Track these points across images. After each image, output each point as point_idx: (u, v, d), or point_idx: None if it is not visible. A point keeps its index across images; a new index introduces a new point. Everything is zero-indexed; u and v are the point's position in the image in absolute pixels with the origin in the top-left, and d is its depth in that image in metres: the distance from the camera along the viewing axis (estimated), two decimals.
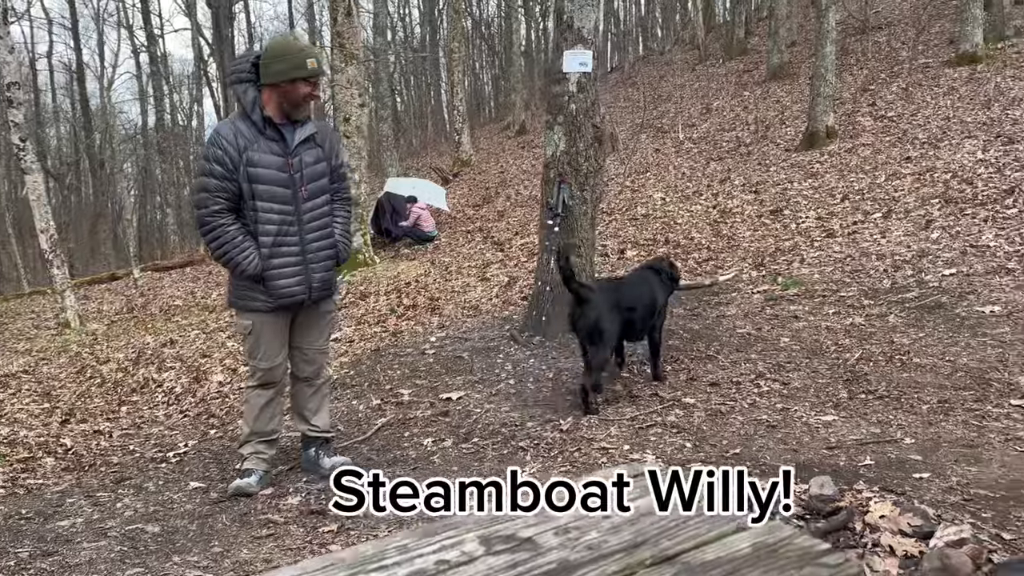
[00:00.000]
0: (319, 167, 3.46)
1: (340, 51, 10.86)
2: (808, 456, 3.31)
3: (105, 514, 3.44)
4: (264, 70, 3.29)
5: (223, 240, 3.33)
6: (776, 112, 13.98)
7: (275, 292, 3.41)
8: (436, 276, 9.46)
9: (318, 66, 3.35)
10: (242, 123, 3.33)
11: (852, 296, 5.66)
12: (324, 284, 3.55)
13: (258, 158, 3.30)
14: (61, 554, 2.99)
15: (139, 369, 7.28)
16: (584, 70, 5.41)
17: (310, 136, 3.43)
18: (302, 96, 3.33)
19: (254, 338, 3.52)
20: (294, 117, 3.37)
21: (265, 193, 3.33)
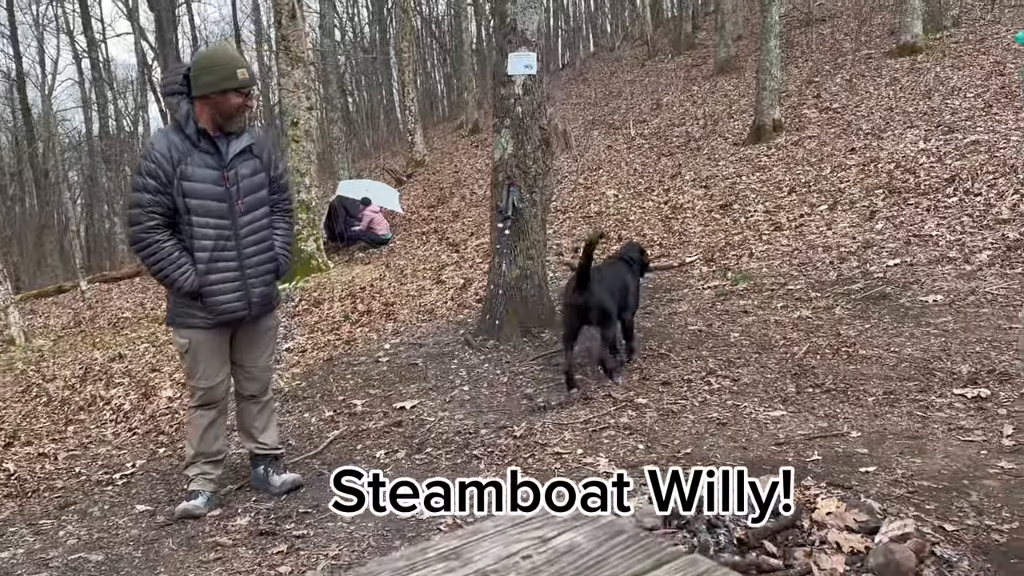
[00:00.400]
0: (257, 179, 3.39)
1: (286, 54, 10.71)
2: (757, 453, 3.34)
3: (47, 543, 3.34)
4: (194, 82, 3.22)
5: (158, 257, 3.25)
6: (724, 106, 14.14)
7: (214, 309, 3.34)
8: (391, 280, 9.39)
9: (249, 76, 3.28)
10: (176, 136, 3.25)
11: (800, 289, 5.75)
12: (264, 299, 3.48)
13: (192, 172, 3.22)
14: None
15: (87, 386, 7.10)
16: (529, 72, 5.40)
17: (247, 147, 3.36)
18: (234, 107, 3.26)
19: (192, 356, 3.44)
20: (228, 129, 3.30)
21: (200, 208, 3.25)
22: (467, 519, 3.09)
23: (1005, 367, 3.91)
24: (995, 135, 8.21)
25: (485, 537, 0.95)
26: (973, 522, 2.59)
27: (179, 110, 3.25)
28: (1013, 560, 2.38)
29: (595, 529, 0.96)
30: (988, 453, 3.11)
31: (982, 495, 2.76)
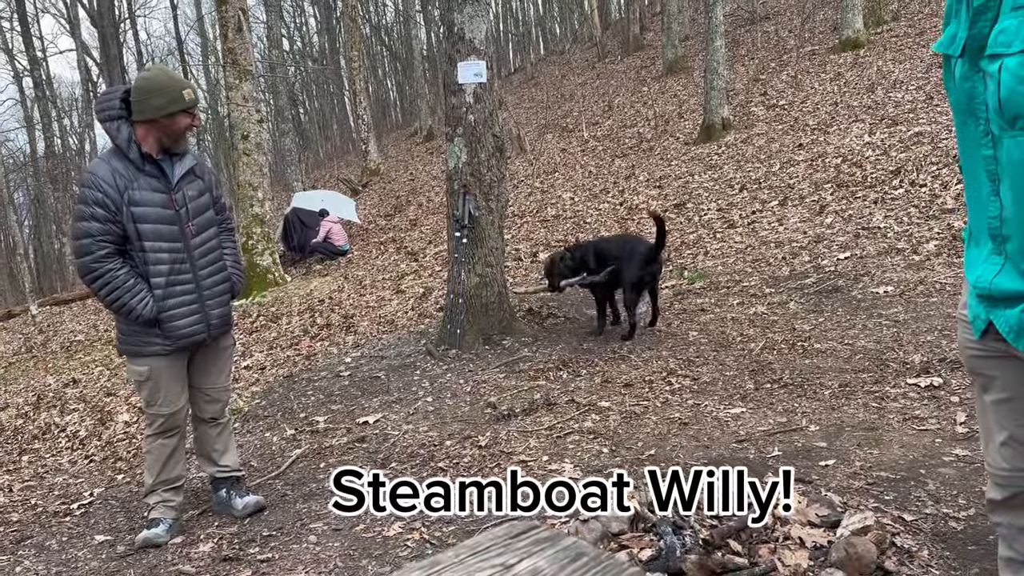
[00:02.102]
0: (203, 200, 3.36)
1: (233, 68, 10.57)
2: (719, 451, 3.38)
3: None
4: (140, 106, 3.15)
5: (113, 286, 3.16)
6: (674, 106, 14.31)
7: (173, 334, 3.27)
8: (350, 291, 9.32)
9: (194, 95, 3.24)
10: (118, 162, 3.18)
11: (754, 285, 5.84)
12: (222, 320, 3.44)
13: (140, 196, 3.16)
14: None
15: (40, 413, 6.92)
16: (479, 80, 5.40)
17: (190, 169, 3.32)
18: (182, 128, 3.21)
19: (152, 384, 3.35)
20: (175, 150, 3.25)
21: (152, 233, 3.19)
22: (435, 535, 3.07)
23: (956, 355, 4.01)
24: (938, 126, 8.42)
25: (445, 568, 0.95)
26: (931, 511, 2.65)
27: (120, 135, 3.17)
28: (971, 547, 2.45)
29: (557, 552, 0.96)
30: (943, 441, 3.19)
31: (939, 483, 2.83)
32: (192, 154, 3.38)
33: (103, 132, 3.32)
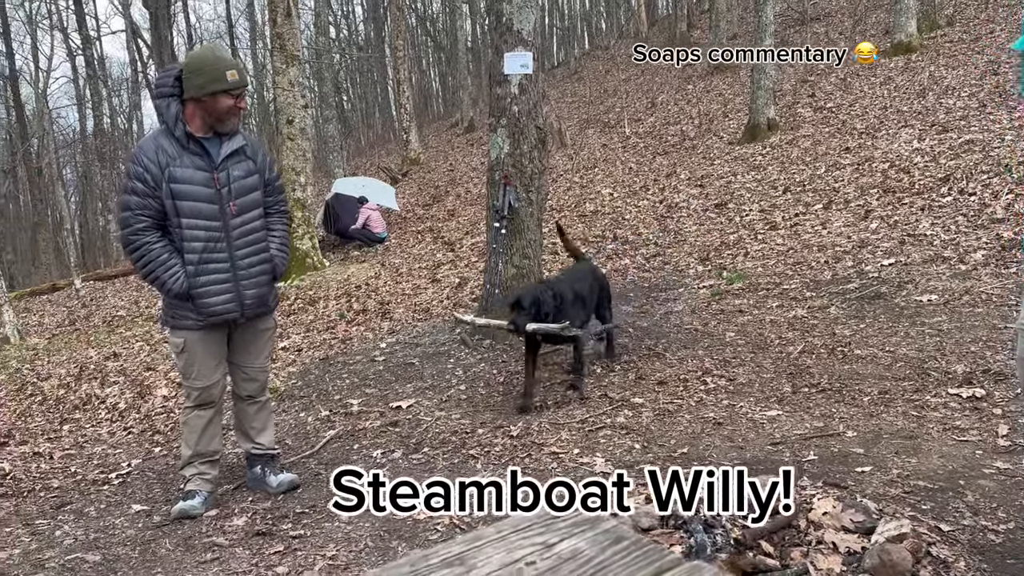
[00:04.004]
0: (249, 181, 3.38)
1: (281, 52, 10.69)
2: (754, 453, 3.35)
3: (44, 544, 3.34)
4: (186, 84, 3.21)
5: (148, 259, 3.25)
6: (719, 105, 14.16)
7: (204, 310, 3.33)
8: (386, 278, 9.38)
9: (239, 77, 3.26)
10: (165, 139, 3.25)
11: (795, 288, 5.76)
12: (258, 301, 3.46)
13: (181, 174, 3.22)
14: None
15: (81, 385, 7.08)
16: (525, 71, 5.40)
17: (239, 149, 3.35)
18: (224, 109, 3.25)
19: (187, 356, 3.42)
20: (220, 130, 3.29)
21: (189, 210, 3.24)
22: (464, 519, 3.09)
23: (1000, 367, 3.93)
24: (989, 134, 8.23)
25: (488, 543, 0.96)
26: (969, 522, 2.60)
27: (168, 112, 3.24)
28: (1009, 560, 2.40)
29: (597, 535, 0.96)
30: (983, 453, 3.13)
31: (978, 495, 2.78)
32: (244, 135, 3.40)
33: (150, 112, 3.39)
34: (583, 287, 4.72)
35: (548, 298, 4.27)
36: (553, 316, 4.26)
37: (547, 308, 4.24)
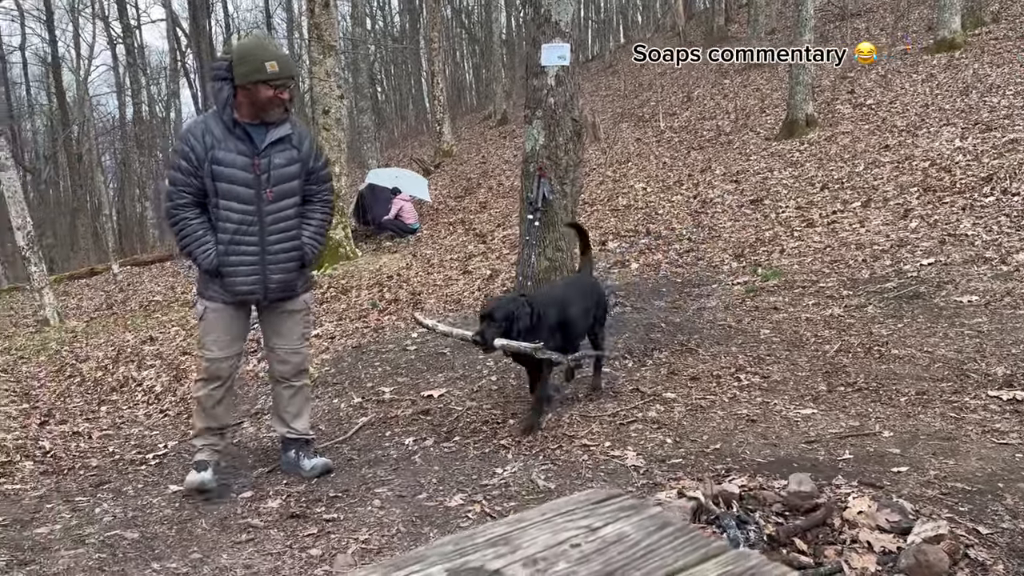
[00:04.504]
0: (290, 169, 3.44)
1: (318, 43, 10.76)
2: (787, 451, 3.32)
3: (84, 520, 3.41)
4: (234, 71, 3.29)
5: (185, 232, 3.41)
6: (756, 100, 14.01)
7: (230, 288, 3.45)
8: (418, 269, 9.43)
9: (279, 69, 3.29)
10: (213, 121, 3.35)
11: (831, 287, 5.69)
12: (282, 285, 3.53)
13: (223, 156, 3.32)
14: (39, 563, 2.96)
15: (119, 367, 7.21)
16: (562, 63, 5.38)
17: (285, 137, 3.40)
18: (265, 99, 3.31)
19: (205, 324, 3.56)
20: (264, 119, 3.35)
21: (227, 192, 3.35)
22: (495, 508, 3.11)
23: None
24: None
25: (532, 525, 0.96)
26: (1008, 525, 2.56)
27: (219, 96, 3.33)
28: None
29: (642, 520, 0.97)
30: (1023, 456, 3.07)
31: (1017, 499, 2.73)
32: (293, 123, 3.46)
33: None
34: (575, 305, 4.19)
35: (524, 314, 3.80)
36: (527, 335, 3.77)
37: (522, 325, 3.77)
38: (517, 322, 3.76)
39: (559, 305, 4.10)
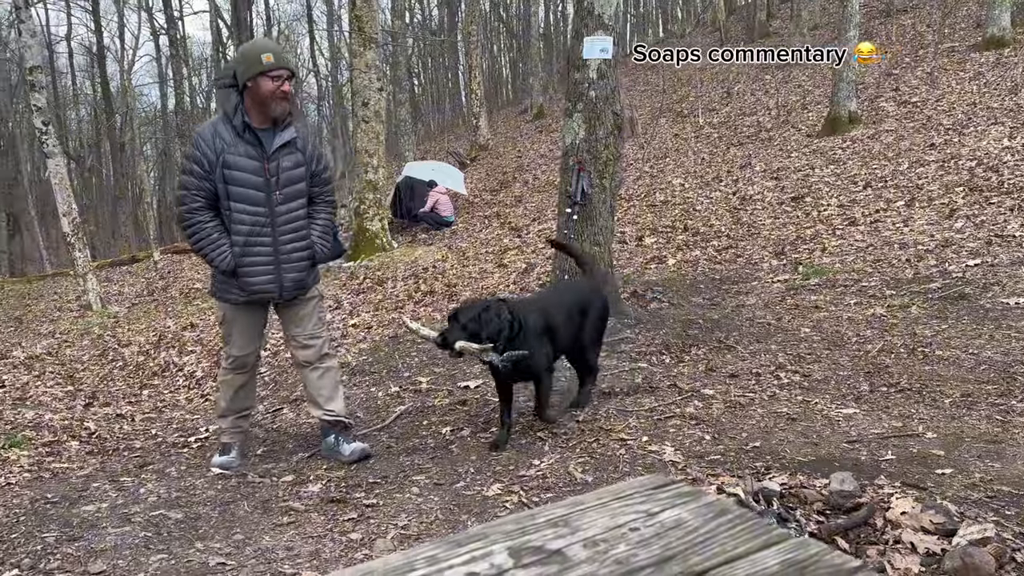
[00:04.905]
0: (297, 172, 3.56)
1: (359, 35, 10.84)
2: (828, 450, 3.29)
3: (129, 499, 3.49)
4: (237, 74, 3.42)
5: (199, 236, 3.50)
6: (798, 97, 13.83)
7: (247, 288, 3.57)
8: (453, 261, 9.47)
9: (275, 60, 3.40)
10: (223, 126, 3.46)
11: (874, 286, 5.61)
12: (296, 284, 3.66)
13: (234, 161, 3.42)
14: (87, 539, 3.03)
15: (160, 353, 7.36)
16: (604, 56, 5.36)
17: (291, 141, 3.52)
18: (267, 92, 3.39)
19: (228, 326, 3.74)
20: (270, 115, 3.44)
21: (239, 195, 3.46)
22: (532, 499, 3.12)
23: None
24: None
25: (590, 508, 0.97)
26: None
27: (228, 102, 3.48)
28: None
29: (700, 507, 0.97)
30: None
31: None
32: (296, 126, 3.57)
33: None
34: (559, 314, 3.88)
35: (493, 318, 3.54)
36: (508, 344, 3.55)
37: (490, 330, 3.52)
38: (486, 327, 3.52)
39: (544, 315, 3.81)
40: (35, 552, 2.95)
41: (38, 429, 4.99)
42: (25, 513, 3.39)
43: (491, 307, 3.62)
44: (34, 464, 4.24)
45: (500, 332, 3.55)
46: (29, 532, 3.16)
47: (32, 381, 6.79)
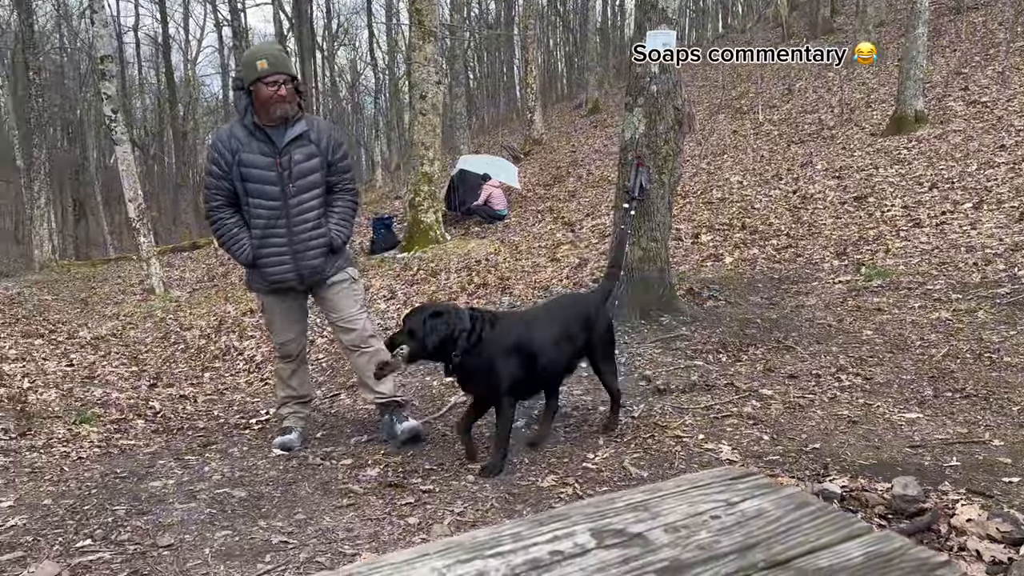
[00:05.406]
0: (309, 164, 3.68)
1: (419, 28, 10.93)
2: (891, 454, 3.23)
3: (194, 477, 3.60)
4: (244, 81, 3.59)
5: (221, 232, 3.74)
6: (862, 95, 13.52)
7: (267, 277, 3.76)
8: (506, 255, 9.50)
9: (268, 66, 3.52)
10: (238, 127, 3.65)
11: (939, 290, 5.48)
12: (313, 270, 3.77)
13: (248, 159, 3.61)
14: (155, 513, 3.14)
15: (221, 337, 7.54)
16: (667, 50, 5.32)
17: (302, 134, 3.64)
18: (265, 98, 3.54)
19: (266, 315, 4.03)
20: (273, 117, 3.57)
21: (255, 190, 3.64)
22: (587, 491, 3.13)
23: None
24: None
25: (669, 495, 0.98)
26: None
27: (239, 104, 3.65)
28: None
29: (780, 498, 0.97)
30: None
31: None
32: (308, 120, 3.71)
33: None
34: (543, 332, 3.50)
35: (440, 325, 3.25)
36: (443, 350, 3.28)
37: (436, 337, 3.23)
38: (432, 333, 3.23)
39: (524, 328, 3.49)
40: (106, 524, 3.07)
41: (106, 407, 5.17)
42: (96, 486, 3.52)
43: (444, 312, 3.32)
44: (103, 440, 4.39)
45: (447, 341, 3.24)
46: (100, 504, 3.28)
47: (98, 361, 7.01)
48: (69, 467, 3.89)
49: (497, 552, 0.81)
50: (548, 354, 3.45)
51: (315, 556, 2.67)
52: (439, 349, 3.27)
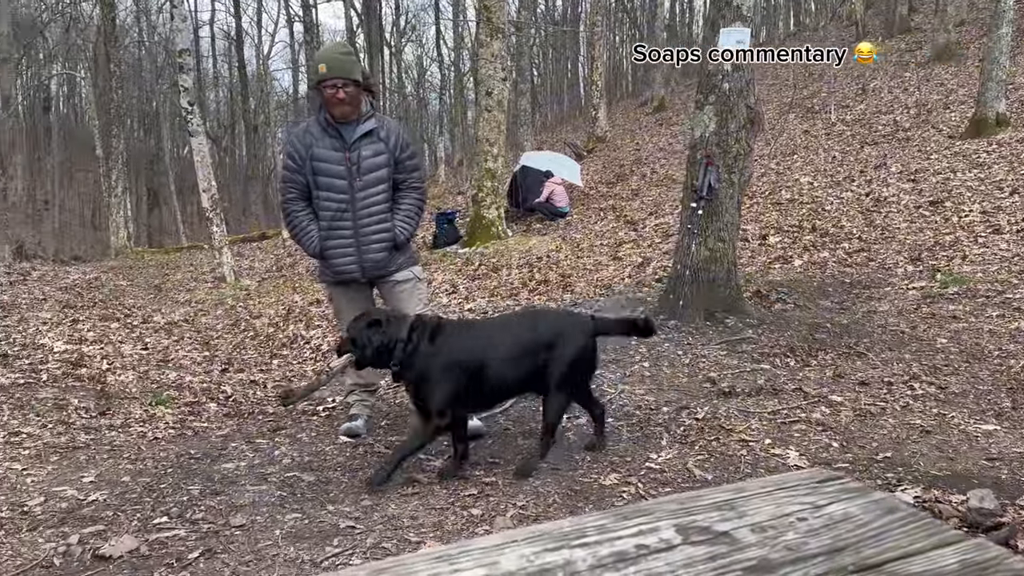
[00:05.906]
0: (377, 159, 3.80)
1: (487, 25, 10.98)
2: (966, 466, 3.14)
3: (265, 460, 3.70)
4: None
5: (293, 223, 3.90)
6: (940, 96, 13.09)
7: (333, 268, 3.90)
8: (567, 252, 9.48)
9: (327, 70, 3.65)
10: (314, 123, 3.82)
11: (1019, 299, 5.28)
12: (376, 264, 3.87)
13: (320, 153, 3.76)
14: (227, 494, 3.24)
15: (288, 325, 7.71)
16: (741, 48, 5.25)
17: (371, 131, 3.78)
18: (328, 98, 3.69)
19: (333, 305, 4.22)
20: (336, 116, 3.71)
21: (324, 183, 3.79)
22: (649, 491, 3.12)
23: None
24: None
25: (754, 495, 0.98)
26: None
27: (314, 102, 3.90)
28: None
29: (868, 503, 0.96)
30: None
31: None
32: (378, 118, 3.84)
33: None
34: (497, 346, 3.33)
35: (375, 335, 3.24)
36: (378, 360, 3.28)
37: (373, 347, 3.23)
38: (369, 344, 3.24)
39: (472, 341, 3.39)
40: (181, 502, 3.18)
41: (180, 389, 5.34)
42: (172, 466, 3.65)
43: (384, 321, 3.27)
44: (178, 422, 4.55)
45: (383, 351, 3.23)
46: (176, 484, 3.40)
47: (172, 345, 7.25)
48: (146, 446, 4.05)
49: (583, 543, 0.83)
50: (494, 368, 3.28)
51: (381, 542, 2.72)
52: (378, 358, 3.29)
